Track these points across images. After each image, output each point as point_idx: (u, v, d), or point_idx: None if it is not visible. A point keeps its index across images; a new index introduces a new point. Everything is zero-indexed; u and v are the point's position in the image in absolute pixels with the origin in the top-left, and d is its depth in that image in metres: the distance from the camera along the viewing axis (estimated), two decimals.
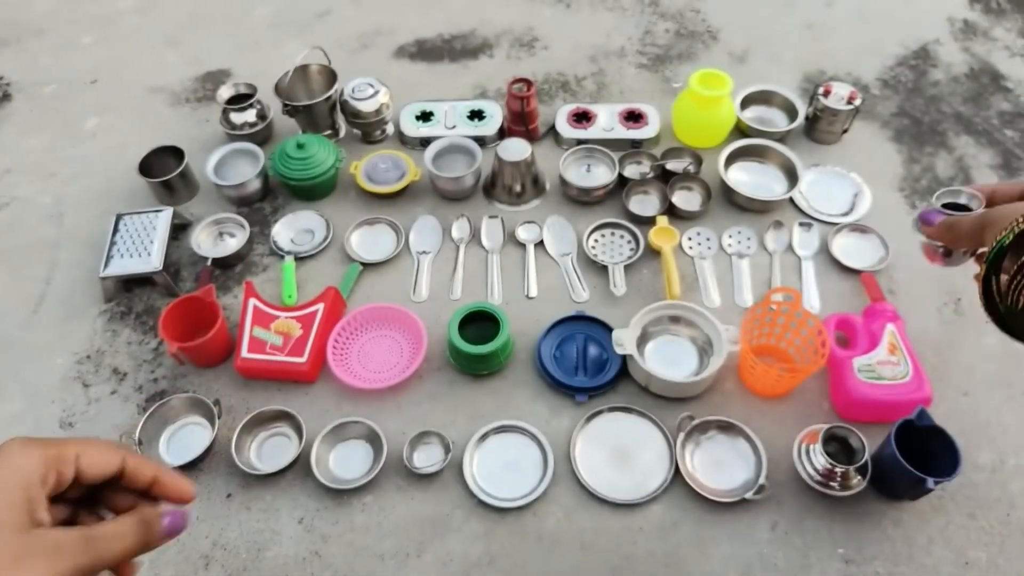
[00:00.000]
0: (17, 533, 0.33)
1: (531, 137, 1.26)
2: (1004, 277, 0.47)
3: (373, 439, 0.91)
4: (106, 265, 1.06)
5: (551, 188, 1.21)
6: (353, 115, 1.23)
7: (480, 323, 0.97)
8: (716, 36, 1.50)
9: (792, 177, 1.17)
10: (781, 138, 1.26)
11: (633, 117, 1.27)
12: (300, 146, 1.14)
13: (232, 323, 1.03)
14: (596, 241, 1.13)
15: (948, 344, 0.99)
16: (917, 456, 0.78)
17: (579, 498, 0.87)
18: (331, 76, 1.25)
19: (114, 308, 1.08)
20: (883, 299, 1.01)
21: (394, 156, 1.20)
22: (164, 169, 1.17)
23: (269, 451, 0.92)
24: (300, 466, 0.90)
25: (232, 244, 1.13)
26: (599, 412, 0.93)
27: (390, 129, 1.31)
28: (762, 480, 0.84)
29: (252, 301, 1.00)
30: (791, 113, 1.28)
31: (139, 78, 1.47)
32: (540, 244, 1.13)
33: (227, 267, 1.12)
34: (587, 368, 0.97)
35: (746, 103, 1.30)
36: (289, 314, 0.99)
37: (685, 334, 0.99)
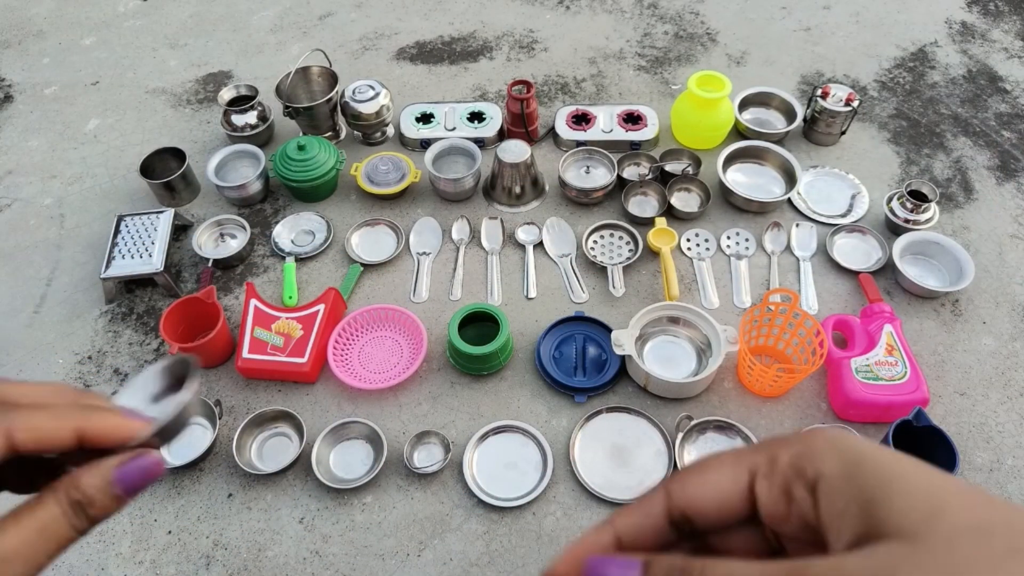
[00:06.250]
0: None
1: (530, 139, 1.27)
2: None
3: (373, 439, 0.91)
4: (107, 266, 1.07)
5: (550, 189, 1.22)
6: (354, 117, 1.24)
7: (480, 324, 0.98)
8: (715, 38, 1.51)
9: (790, 178, 1.18)
10: (779, 140, 1.26)
11: (632, 119, 1.28)
12: (301, 148, 1.15)
13: (233, 324, 1.04)
14: (595, 242, 1.13)
15: (945, 345, 0.99)
16: (915, 456, 0.78)
17: (578, 497, 0.87)
18: (332, 78, 1.26)
19: (115, 309, 1.09)
20: (881, 300, 1.01)
21: (394, 158, 1.20)
22: (165, 170, 1.18)
23: (270, 451, 0.92)
24: (301, 466, 0.90)
25: (233, 245, 1.14)
26: (598, 412, 0.93)
27: (390, 131, 1.32)
28: None
29: (253, 302, 1.01)
30: (789, 115, 1.29)
31: (140, 80, 1.47)
32: (539, 245, 1.13)
33: (228, 268, 1.13)
34: (586, 368, 0.98)
35: (744, 105, 1.31)
36: (290, 315, 0.99)
37: (684, 335, 1.00)
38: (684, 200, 1.18)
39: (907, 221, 1.10)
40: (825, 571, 0.20)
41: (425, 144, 1.26)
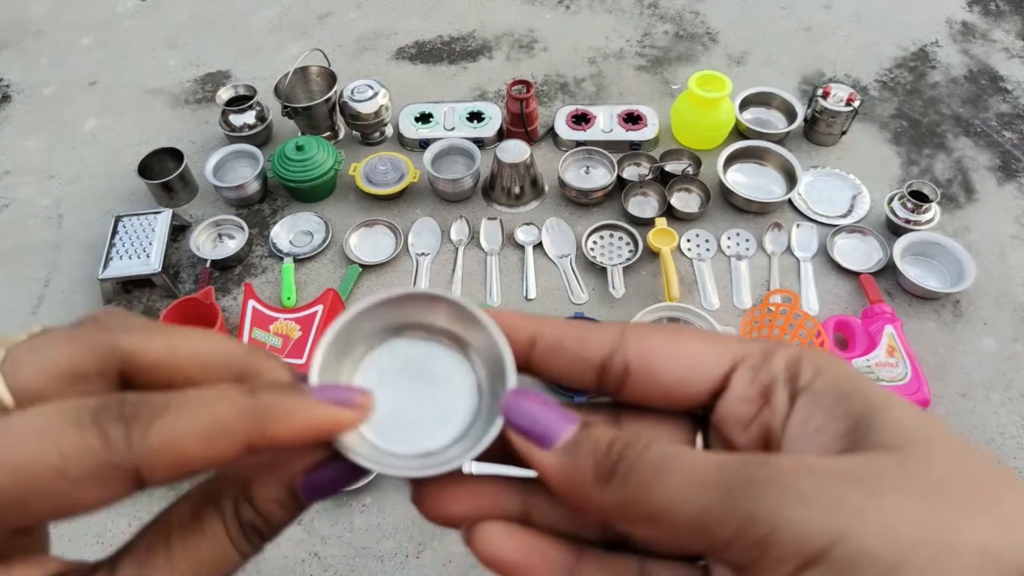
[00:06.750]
0: None
1: (530, 139, 1.26)
2: None
3: None
4: (105, 267, 1.07)
5: (550, 190, 1.21)
6: (352, 117, 1.23)
7: None
8: (715, 38, 1.50)
9: (791, 179, 1.17)
10: (780, 140, 1.26)
11: (632, 119, 1.27)
12: (299, 148, 1.14)
13: (231, 325, 1.03)
14: (595, 243, 1.13)
15: (946, 346, 0.99)
16: None
17: None
18: (330, 78, 1.25)
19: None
20: (881, 301, 1.01)
21: (393, 158, 1.20)
22: (163, 171, 1.18)
23: None
24: None
25: (231, 246, 1.13)
26: None
27: (389, 131, 1.32)
28: None
29: (251, 303, 1.00)
30: (790, 115, 1.28)
31: (139, 80, 1.47)
32: (539, 246, 1.13)
33: (226, 269, 1.12)
34: None
35: (745, 105, 1.30)
36: (288, 316, 0.99)
37: None
38: (684, 200, 1.17)
39: (908, 222, 1.10)
40: (789, 466, 0.17)
41: (424, 144, 1.25)
